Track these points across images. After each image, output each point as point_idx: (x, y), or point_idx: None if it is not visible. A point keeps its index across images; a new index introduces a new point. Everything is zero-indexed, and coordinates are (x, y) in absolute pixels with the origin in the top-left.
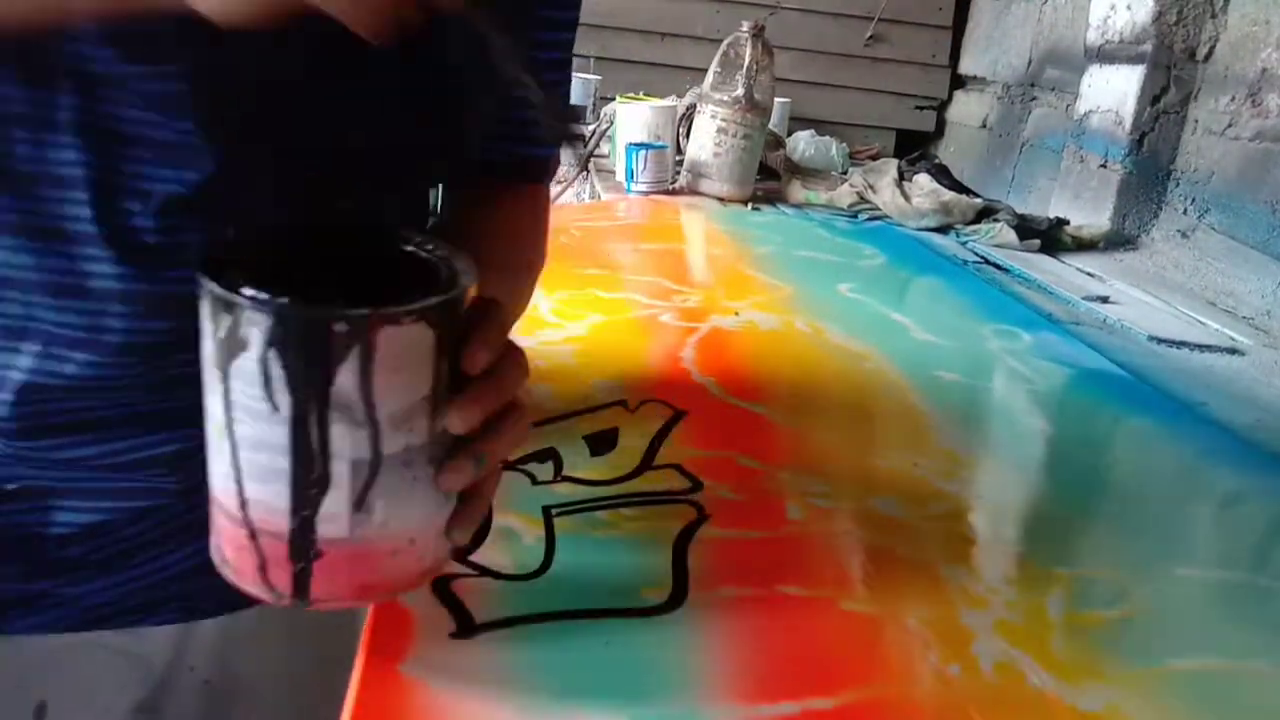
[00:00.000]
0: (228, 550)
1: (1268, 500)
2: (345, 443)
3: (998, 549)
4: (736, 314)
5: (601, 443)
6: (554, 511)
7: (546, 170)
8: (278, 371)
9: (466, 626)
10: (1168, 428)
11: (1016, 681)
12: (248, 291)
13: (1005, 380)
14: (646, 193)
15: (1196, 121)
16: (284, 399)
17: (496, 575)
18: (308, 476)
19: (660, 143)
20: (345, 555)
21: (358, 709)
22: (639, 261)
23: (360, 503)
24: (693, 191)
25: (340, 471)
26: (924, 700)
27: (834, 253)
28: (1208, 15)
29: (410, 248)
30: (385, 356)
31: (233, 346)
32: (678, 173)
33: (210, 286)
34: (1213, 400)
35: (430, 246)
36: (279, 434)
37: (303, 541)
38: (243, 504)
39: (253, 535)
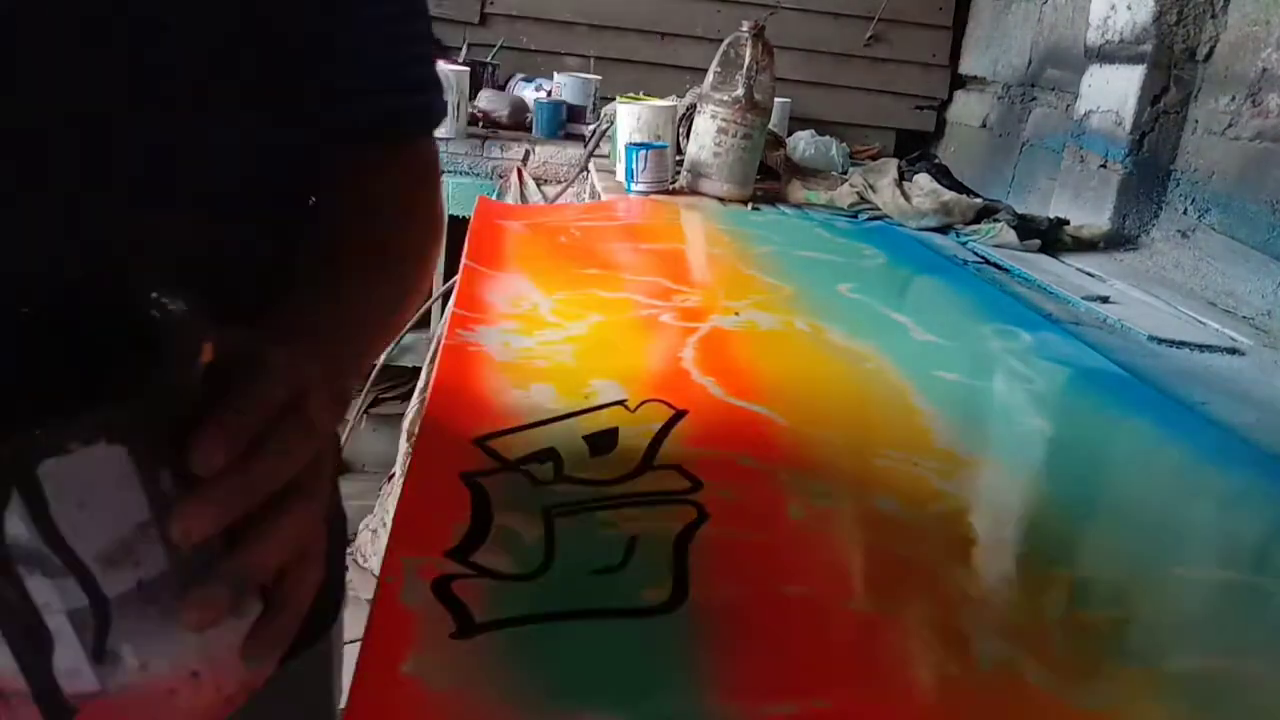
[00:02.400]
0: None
1: (1268, 500)
2: (51, 595)
3: (998, 549)
4: (736, 314)
5: (601, 443)
6: (554, 512)
7: (426, 119)
8: None
9: (466, 627)
10: (1168, 428)
11: (1016, 681)
12: None
13: (1005, 380)
14: (646, 193)
15: (1196, 121)
16: None
17: (496, 576)
18: (24, 636)
19: (660, 143)
20: (109, 708)
21: (357, 709)
22: (639, 261)
23: (100, 653)
24: (693, 191)
25: (59, 625)
26: (924, 700)
27: (834, 253)
28: (1208, 15)
29: (146, 309)
30: (60, 493)
31: None
32: (678, 173)
33: None
34: (1213, 400)
35: (166, 302)
36: None
37: (52, 702)
38: None
39: (4, 699)
